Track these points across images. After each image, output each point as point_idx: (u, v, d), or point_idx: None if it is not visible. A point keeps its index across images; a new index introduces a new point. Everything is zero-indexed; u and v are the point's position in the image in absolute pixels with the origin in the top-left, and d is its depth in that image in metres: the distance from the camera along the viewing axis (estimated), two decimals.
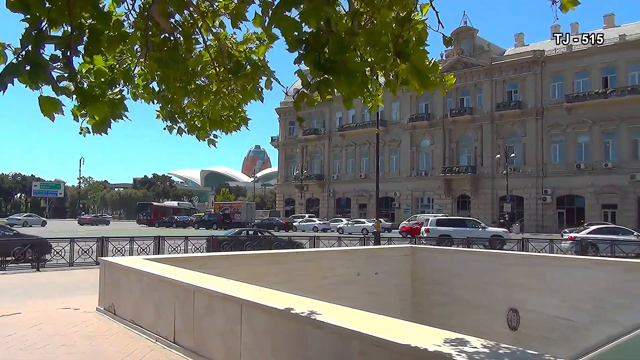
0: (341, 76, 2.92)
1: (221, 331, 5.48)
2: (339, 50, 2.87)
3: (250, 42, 4.70)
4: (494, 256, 13.78)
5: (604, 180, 49.32)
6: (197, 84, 4.75)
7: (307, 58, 2.91)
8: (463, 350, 3.05)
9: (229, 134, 5.34)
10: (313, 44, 2.86)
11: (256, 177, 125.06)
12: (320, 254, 12.66)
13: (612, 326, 10.14)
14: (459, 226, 35.56)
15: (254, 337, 4.94)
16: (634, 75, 49.09)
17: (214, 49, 4.60)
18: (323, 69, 2.92)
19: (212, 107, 4.93)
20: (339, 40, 2.87)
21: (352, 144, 69.98)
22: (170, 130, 5.02)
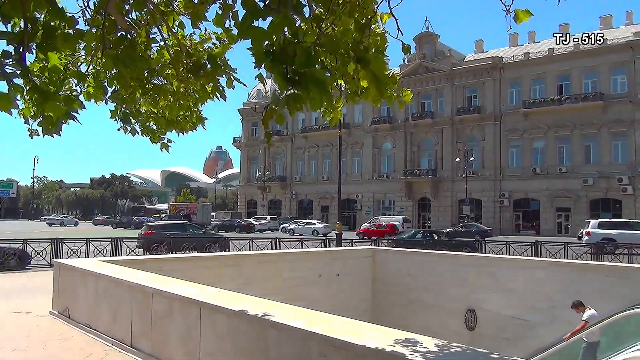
0: (310, 87, 2.90)
1: (180, 334, 5.41)
2: (307, 62, 2.87)
3: (210, 42, 4.66)
4: (453, 258, 14.04)
5: (558, 184, 50.92)
6: (154, 83, 4.68)
7: (274, 71, 2.89)
8: (418, 350, 3.10)
9: (185, 133, 5.28)
10: (280, 56, 2.84)
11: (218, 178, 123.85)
12: (281, 256, 12.65)
13: (565, 325, 10.50)
14: (626, 229, 30.79)
15: (214, 340, 4.90)
16: (587, 84, 50.88)
17: (173, 48, 4.53)
18: (291, 81, 2.91)
19: (168, 107, 4.86)
20: (307, 52, 2.86)
21: (314, 145, 70.13)
22: (125, 131, 4.92)
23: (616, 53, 48.56)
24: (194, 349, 5.07)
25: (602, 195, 49.09)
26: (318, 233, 47.81)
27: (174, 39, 4.49)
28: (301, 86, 2.87)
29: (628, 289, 10.19)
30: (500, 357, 3.11)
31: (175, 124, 5.04)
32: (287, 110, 3.12)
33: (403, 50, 3.56)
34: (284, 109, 3.07)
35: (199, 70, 4.47)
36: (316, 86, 2.84)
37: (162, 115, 4.95)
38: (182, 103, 4.90)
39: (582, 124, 49.91)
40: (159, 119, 4.99)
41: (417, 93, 59.20)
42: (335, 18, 3.34)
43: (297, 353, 3.95)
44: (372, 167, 64.40)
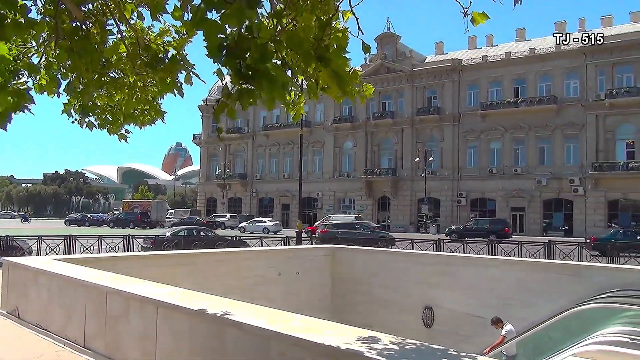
0: (263, 83, 2.88)
1: (136, 334, 5.29)
2: (261, 58, 2.83)
3: (168, 35, 4.57)
4: (412, 256, 14.25)
5: (513, 185, 52.33)
6: (111, 76, 4.55)
7: (228, 65, 2.85)
8: (376, 348, 3.12)
9: (143, 128, 5.16)
10: (234, 50, 2.80)
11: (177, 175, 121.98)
12: (239, 254, 12.55)
13: (518, 322, 10.80)
14: None
15: (172, 340, 4.81)
16: (542, 87, 52.47)
17: (130, 41, 4.42)
18: (244, 77, 2.87)
19: (126, 100, 4.74)
20: (261, 47, 2.83)
21: (275, 143, 69.90)
22: (81, 124, 4.77)
23: (569, 58, 50.29)
24: (150, 349, 4.97)
25: (554, 196, 50.76)
26: (269, 231, 47.76)
27: (132, 32, 4.38)
28: (254, 82, 2.84)
29: (578, 286, 10.56)
30: (456, 353, 3.16)
31: (133, 117, 4.92)
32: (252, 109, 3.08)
33: (363, 49, 3.57)
34: (235, 103, 3.04)
35: (156, 64, 4.37)
36: (269, 83, 2.82)
37: (119, 108, 4.83)
38: (140, 97, 4.79)
39: (537, 126, 51.46)
40: (116, 113, 4.86)
41: (378, 93, 59.79)
42: (296, 14, 3.32)
43: (256, 352, 3.92)
44: (333, 166, 64.66)
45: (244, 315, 4.14)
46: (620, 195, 47.51)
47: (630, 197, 47.02)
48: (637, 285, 9.94)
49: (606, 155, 48.22)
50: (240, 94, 3.02)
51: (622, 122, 47.99)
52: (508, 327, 10.55)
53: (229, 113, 3.25)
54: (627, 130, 48.11)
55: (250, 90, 2.97)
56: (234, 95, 3.05)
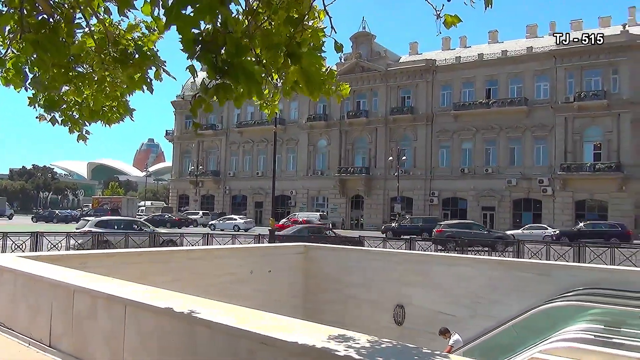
0: (240, 78, 2.86)
1: (104, 333, 5.20)
2: (237, 52, 2.81)
3: (138, 30, 4.49)
4: (384, 255, 14.33)
5: (484, 184, 53.13)
6: (78, 71, 4.45)
7: (203, 59, 2.83)
8: (347, 346, 3.13)
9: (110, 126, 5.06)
10: (209, 45, 2.78)
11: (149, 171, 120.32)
12: (212, 252, 12.44)
13: (487, 320, 10.98)
14: None
15: (140, 339, 4.74)
16: (513, 89, 53.37)
17: (98, 35, 4.32)
18: (220, 71, 2.85)
19: (94, 96, 4.64)
20: (236, 42, 2.81)
21: (249, 141, 69.53)
22: (41, 119, 4.65)
23: (540, 61, 51.29)
24: (117, 349, 4.89)
25: (524, 196, 51.71)
26: (239, 228, 47.54)
27: (101, 26, 4.29)
28: (230, 76, 2.82)
29: (546, 285, 10.77)
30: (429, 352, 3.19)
31: (100, 114, 4.81)
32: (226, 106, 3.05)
33: (335, 48, 3.57)
34: (212, 98, 3.01)
35: (125, 60, 4.29)
36: (245, 77, 2.80)
37: (87, 104, 4.72)
38: (108, 93, 4.69)
39: (508, 127, 52.33)
40: (83, 109, 4.75)
41: (353, 92, 59.95)
42: (271, 12, 3.30)
43: (225, 350, 3.89)
44: (307, 164, 64.64)
45: (213, 314, 4.11)
46: (587, 196, 48.67)
47: (597, 198, 48.21)
48: (602, 284, 10.19)
49: (574, 156, 49.34)
50: (217, 89, 2.99)
51: (590, 124, 49.15)
52: (455, 337, 10.72)
53: (205, 108, 3.22)
54: (594, 132, 49.30)
55: (227, 85, 2.95)
56: (211, 91, 3.02)
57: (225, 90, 2.91)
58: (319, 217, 50.19)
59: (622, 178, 46.15)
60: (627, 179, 46.12)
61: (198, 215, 60.28)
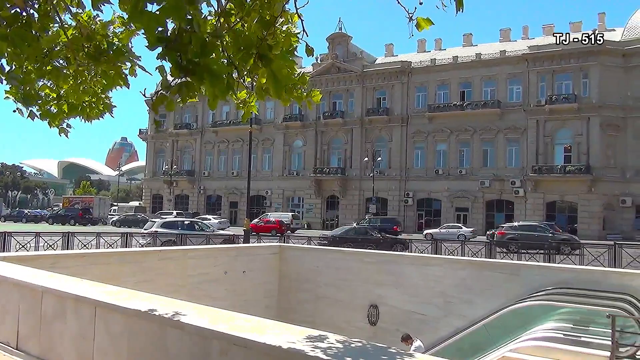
0: (205, 78, 2.83)
1: (73, 335, 5.11)
2: (202, 52, 2.78)
3: (113, 26, 4.42)
4: (357, 255, 14.39)
5: (458, 186, 53.78)
6: (54, 65, 4.36)
7: (168, 57, 2.79)
8: (320, 347, 3.14)
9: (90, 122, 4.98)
10: (175, 44, 2.74)
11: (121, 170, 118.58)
12: (185, 253, 12.32)
13: (459, 319, 11.11)
14: None
15: (110, 341, 4.67)
16: (487, 91, 54.15)
17: (72, 30, 4.25)
18: (184, 70, 2.81)
19: (72, 91, 4.56)
20: (202, 41, 2.78)
21: (225, 140, 69.06)
22: (21, 113, 4.56)
23: (513, 64, 52.15)
24: (86, 351, 4.81)
25: (496, 197, 52.48)
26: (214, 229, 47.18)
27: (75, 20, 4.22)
28: (195, 76, 2.80)
29: (516, 284, 10.95)
30: (396, 351, 3.21)
31: (78, 110, 4.73)
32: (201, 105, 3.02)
33: (307, 51, 3.56)
34: (175, 95, 2.97)
35: (99, 55, 4.22)
36: (211, 77, 2.78)
37: (65, 100, 4.64)
38: (86, 88, 4.61)
39: (481, 129, 53.08)
40: (61, 104, 4.67)
41: (329, 92, 60.16)
42: (244, 14, 3.28)
43: (197, 352, 3.86)
44: (283, 164, 64.53)
45: (185, 315, 4.07)
46: (557, 197, 49.65)
47: (567, 199, 49.21)
48: (570, 284, 10.40)
49: (545, 158, 50.29)
50: (179, 87, 2.96)
51: (561, 127, 50.15)
52: (417, 344, 10.84)
53: (167, 106, 3.18)
54: (565, 135, 50.32)
55: (190, 84, 2.92)
56: (174, 88, 2.98)
57: (189, 88, 2.89)
58: (291, 218, 50.17)
59: (591, 180, 47.21)
60: (595, 180, 47.20)
61: (171, 215, 59.53)
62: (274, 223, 45.77)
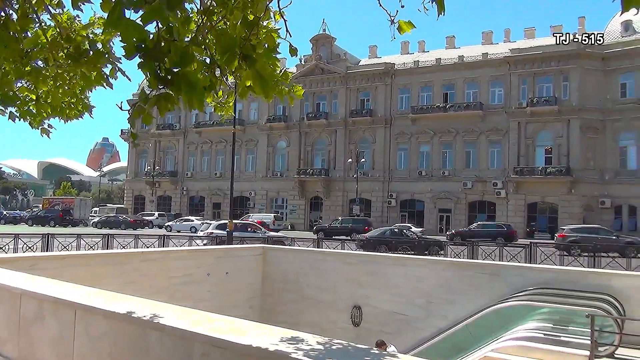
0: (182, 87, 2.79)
1: (52, 338, 5.04)
2: (181, 62, 2.74)
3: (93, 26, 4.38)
4: (340, 256, 14.43)
5: (440, 187, 54.17)
6: (33, 66, 4.31)
7: (146, 67, 2.73)
8: (301, 348, 3.14)
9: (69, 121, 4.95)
10: (153, 53, 2.69)
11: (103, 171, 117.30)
12: (168, 254, 12.23)
13: (441, 320, 11.19)
14: None
15: (90, 344, 4.62)
16: (469, 93, 54.65)
17: (51, 31, 4.21)
18: (163, 81, 2.77)
19: (52, 92, 4.52)
20: (182, 51, 2.74)
21: (208, 141, 68.74)
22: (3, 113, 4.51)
23: (495, 67, 52.74)
24: (66, 354, 4.75)
25: (479, 198, 52.97)
26: (196, 230, 46.97)
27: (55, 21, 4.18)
28: (173, 86, 2.75)
29: (498, 285, 11.06)
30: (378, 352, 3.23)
31: (58, 110, 4.69)
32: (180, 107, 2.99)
33: (290, 52, 3.56)
34: (153, 107, 2.92)
35: (79, 56, 4.18)
36: (188, 88, 2.74)
37: (44, 100, 4.60)
38: (66, 89, 4.57)
39: (464, 131, 53.56)
40: (40, 105, 4.62)
41: (313, 94, 60.23)
42: (227, 12, 3.27)
43: (178, 354, 3.84)
44: (266, 165, 64.42)
45: (166, 317, 4.04)
46: (538, 199, 50.27)
47: (547, 201, 49.85)
48: (551, 284, 10.54)
49: (526, 160, 50.89)
50: (158, 99, 2.90)
51: (542, 129, 50.81)
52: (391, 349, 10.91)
53: (145, 119, 3.12)
54: (545, 137, 50.97)
55: (169, 95, 2.86)
56: (152, 100, 2.92)
57: (167, 100, 2.83)
58: (274, 219, 50.06)
59: (571, 181, 47.89)
60: (575, 182, 47.88)
61: (153, 216, 59.01)
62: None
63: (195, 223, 50.61)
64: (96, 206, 77.25)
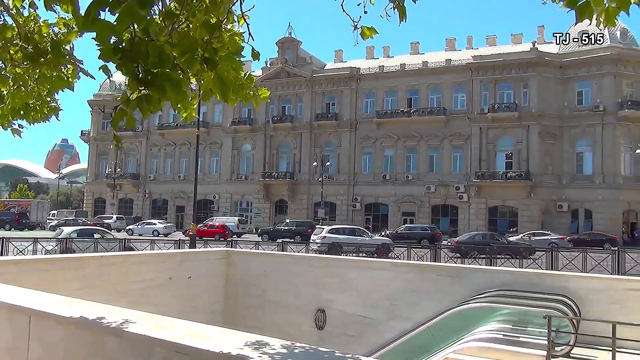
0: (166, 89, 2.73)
1: (6, 347, 4.86)
2: (160, 62, 2.70)
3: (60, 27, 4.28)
4: (304, 259, 14.41)
5: (404, 191, 54.81)
6: None
7: (124, 69, 2.68)
8: (264, 352, 3.12)
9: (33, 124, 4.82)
10: (131, 54, 2.64)
11: (62, 173, 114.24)
12: (128, 258, 11.97)
13: (404, 322, 11.29)
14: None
15: (45, 352, 4.48)
16: (433, 99, 55.55)
17: (11, 31, 4.09)
18: (143, 82, 2.72)
19: (11, 93, 4.37)
20: (160, 51, 2.70)
21: (171, 143, 67.75)
22: None
23: (458, 73, 53.73)
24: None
25: (442, 202, 53.82)
26: (159, 233, 46.23)
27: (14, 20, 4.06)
28: (155, 87, 2.70)
29: (460, 287, 11.23)
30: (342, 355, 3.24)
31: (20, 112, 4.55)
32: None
33: (252, 56, 3.55)
34: (135, 110, 2.87)
35: (37, 57, 4.07)
36: (172, 87, 2.70)
37: (5, 102, 4.45)
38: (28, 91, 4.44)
39: (428, 136, 54.36)
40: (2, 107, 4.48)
41: (278, 97, 60.15)
42: (189, 15, 3.23)
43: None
44: (231, 168, 63.93)
45: (126, 322, 3.95)
46: (499, 202, 51.41)
47: (508, 204, 51.04)
48: (511, 286, 10.76)
49: (488, 164, 52.00)
50: (140, 101, 2.84)
51: (502, 134, 52.03)
52: None
53: (128, 122, 3.05)
54: (506, 142, 52.22)
55: (151, 97, 2.81)
56: (134, 102, 2.86)
57: (150, 101, 2.78)
58: (238, 222, 49.68)
59: (531, 186, 49.19)
60: (534, 186, 49.20)
61: (112, 219, 57.43)
62: (217, 227, 45.08)
63: (158, 227, 49.73)
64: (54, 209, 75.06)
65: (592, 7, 2.59)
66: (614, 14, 2.65)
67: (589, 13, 2.58)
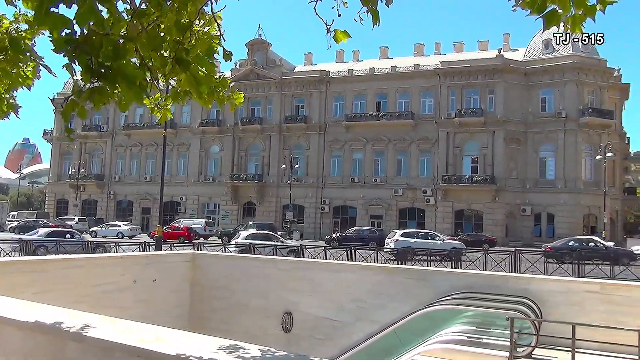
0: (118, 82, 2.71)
1: None
2: (114, 55, 2.67)
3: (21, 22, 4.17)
4: (272, 262, 14.35)
5: (372, 194, 55.20)
6: None
7: (78, 60, 2.65)
8: (228, 357, 3.09)
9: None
10: (84, 47, 2.61)
11: (22, 173, 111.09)
12: (91, 261, 11.72)
13: (371, 324, 11.36)
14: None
15: (3, 358, 4.34)
16: (401, 103, 56.13)
17: None
18: (96, 74, 2.69)
19: None
20: (114, 44, 2.67)
21: (137, 144, 66.63)
22: None
23: (426, 78, 54.46)
24: None
25: (409, 205, 54.37)
26: (123, 235, 45.41)
27: None
28: (108, 80, 2.68)
29: (426, 289, 11.36)
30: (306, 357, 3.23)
31: None
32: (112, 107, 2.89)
33: (224, 56, 3.53)
34: (87, 101, 2.83)
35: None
36: (125, 81, 2.67)
37: None
38: None
39: (396, 140, 54.89)
40: None
41: (247, 99, 59.74)
42: (160, 15, 3.19)
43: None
44: (199, 170, 63.26)
45: (88, 327, 3.87)
46: (465, 206, 52.24)
47: (474, 208, 51.91)
48: (474, 288, 10.95)
49: (454, 169, 52.82)
50: (92, 92, 2.81)
51: (469, 139, 52.93)
52: None
53: (79, 113, 3.01)
54: (472, 147, 53.13)
55: (103, 89, 2.78)
56: (86, 94, 2.83)
57: (101, 93, 2.75)
58: (205, 224, 49.16)
59: (496, 190, 50.16)
60: (499, 190, 50.20)
61: (73, 221, 55.77)
62: (182, 230, 44.42)
63: (123, 229, 48.78)
64: (14, 210, 72.89)
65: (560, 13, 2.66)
66: (580, 21, 2.73)
67: (556, 20, 2.65)
